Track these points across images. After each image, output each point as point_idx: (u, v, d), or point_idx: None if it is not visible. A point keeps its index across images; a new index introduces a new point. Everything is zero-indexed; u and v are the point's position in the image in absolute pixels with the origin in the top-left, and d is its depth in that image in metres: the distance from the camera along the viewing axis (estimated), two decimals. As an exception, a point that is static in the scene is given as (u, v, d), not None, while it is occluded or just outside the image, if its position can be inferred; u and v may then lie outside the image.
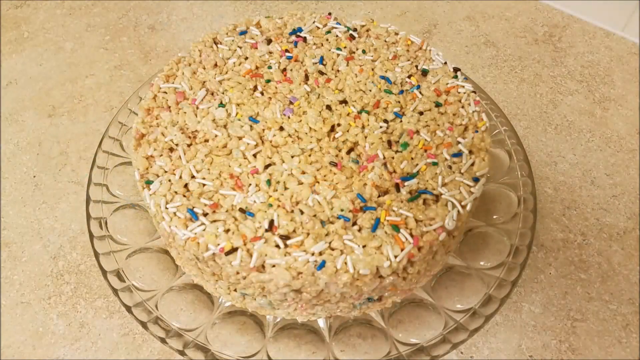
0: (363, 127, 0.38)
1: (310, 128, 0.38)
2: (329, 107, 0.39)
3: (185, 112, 0.38)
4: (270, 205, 0.33)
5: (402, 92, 0.40)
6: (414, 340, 0.37)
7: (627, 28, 0.59)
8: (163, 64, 0.57)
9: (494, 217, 0.42)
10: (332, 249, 0.32)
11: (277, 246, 0.32)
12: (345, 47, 0.43)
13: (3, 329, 0.41)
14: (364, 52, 0.42)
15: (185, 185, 0.35)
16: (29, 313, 0.41)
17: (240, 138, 0.37)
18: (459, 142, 0.37)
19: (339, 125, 0.38)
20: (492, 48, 0.59)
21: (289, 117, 0.38)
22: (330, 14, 0.45)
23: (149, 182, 0.35)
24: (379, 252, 0.32)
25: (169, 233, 0.33)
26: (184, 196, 0.34)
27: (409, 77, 0.41)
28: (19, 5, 0.64)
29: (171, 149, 0.37)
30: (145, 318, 0.37)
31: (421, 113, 0.39)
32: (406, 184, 0.35)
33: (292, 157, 0.36)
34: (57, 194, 0.48)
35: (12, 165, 0.50)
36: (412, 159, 0.36)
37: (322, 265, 0.31)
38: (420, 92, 0.40)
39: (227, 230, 0.33)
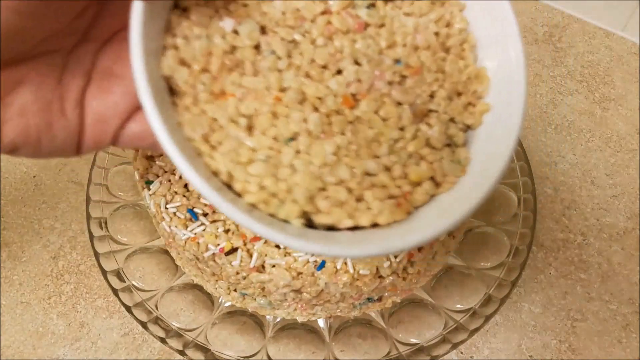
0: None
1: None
2: None
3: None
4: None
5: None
6: (414, 340, 0.37)
7: (627, 28, 0.59)
8: (163, 64, 0.57)
9: (494, 217, 0.42)
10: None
11: (277, 246, 0.32)
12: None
13: (3, 329, 0.41)
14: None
15: (185, 185, 0.35)
16: (29, 313, 0.41)
17: None
18: (459, 142, 0.37)
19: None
20: (492, 48, 0.59)
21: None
22: None
23: (149, 182, 0.35)
24: (379, 252, 0.32)
25: (169, 233, 0.33)
26: (184, 196, 0.34)
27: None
28: (19, 5, 0.64)
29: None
30: (145, 318, 0.37)
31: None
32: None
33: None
34: (57, 194, 0.48)
35: (12, 165, 0.50)
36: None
37: (322, 265, 0.31)
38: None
39: (227, 231, 0.33)
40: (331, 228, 0.23)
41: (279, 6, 0.23)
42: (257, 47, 0.23)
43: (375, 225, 0.23)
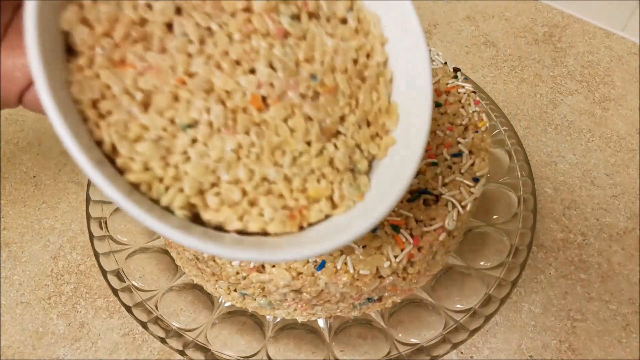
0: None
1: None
2: None
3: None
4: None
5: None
6: (414, 340, 0.37)
7: (627, 28, 0.59)
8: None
9: (494, 217, 0.42)
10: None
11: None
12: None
13: (3, 329, 0.41)
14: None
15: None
16: (29, 313, 0.41)
17: None
18: (459, 142, 0.37)
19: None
20: (492, 48, 0.59)
21: None
22: None
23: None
24: (379, 252, 0.32)
25: (169, 233, 0.33)
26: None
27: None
28: (19, 5, 0.64)
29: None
30: (145, 318, 0.37)
31: (421, 113, 0.39)
32: (406, 184, 0.35)
33: None
34: (57, 194, 0.48)
35: (12, 165, 0.50)
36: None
37: (322, 265, 0.31)
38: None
39: (227, 230, 0.32)
40: (219, 228, 0.22)
41: None
42: (169, 26, 0.22)
43: (264, 233, 0.22)
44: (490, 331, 0.40)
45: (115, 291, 0.38)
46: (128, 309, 0.37)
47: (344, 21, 0.25)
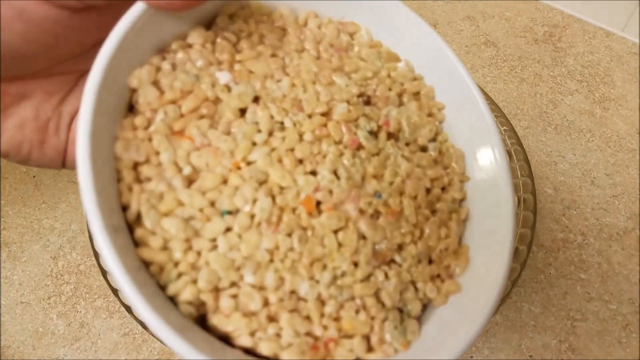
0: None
1: None
2: None
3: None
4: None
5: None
6: (414, 340, 0.37)
7: (627, 28, 0.59)
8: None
9: (494, 217, 0.42)
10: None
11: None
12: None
13: (3, 329, 0.41)
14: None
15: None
16: (29, 313, 0.41)
17: None
18: (459, 142, 0.37)
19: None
20: (492, 48, 0.59)
21: None
22: None
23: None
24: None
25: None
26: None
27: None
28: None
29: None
30: (145, 318, 0.37)
31: (421, 113, 0.39)
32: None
33: None
34: (57, 194, 0.48)
35: (12, 165, 0.50)
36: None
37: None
38: (420, 92, 0.40)
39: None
40: (224, 339, 0.19)
41: (283, 87, 0.22)
42: (242, 111, 0.21)
43: None
44: (490, 331, 0.40)
45: (115, 291, 0.38)
46: (128, 309, 0.37)
47: (424, 149, 0.24)
